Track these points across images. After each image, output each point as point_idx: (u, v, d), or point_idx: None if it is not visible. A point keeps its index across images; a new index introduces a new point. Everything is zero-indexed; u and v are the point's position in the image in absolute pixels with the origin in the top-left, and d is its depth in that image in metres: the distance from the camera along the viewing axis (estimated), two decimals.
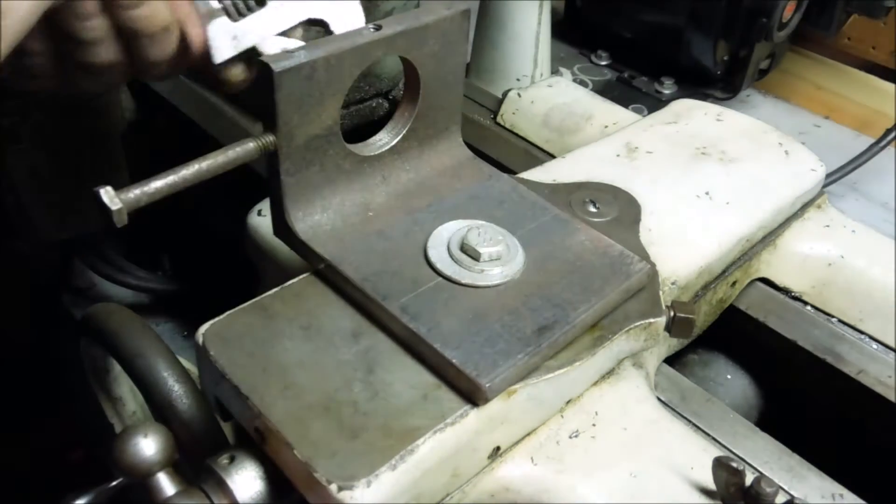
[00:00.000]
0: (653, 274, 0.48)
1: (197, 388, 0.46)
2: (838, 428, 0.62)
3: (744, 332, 0.62)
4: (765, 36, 0.92)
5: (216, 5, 0.42)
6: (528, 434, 0.43)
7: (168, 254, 1.06)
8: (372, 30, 0.43)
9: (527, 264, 0.45)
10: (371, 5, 0.69)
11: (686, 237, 0.54)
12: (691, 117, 0.67)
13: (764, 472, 0.48)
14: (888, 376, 0.56)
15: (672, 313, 0.47)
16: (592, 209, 0.54)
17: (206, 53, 0.43)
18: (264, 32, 0.44)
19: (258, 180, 0.46)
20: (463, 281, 0.44)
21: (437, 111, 0.49)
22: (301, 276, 0.45)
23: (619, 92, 1.00)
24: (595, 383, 0.46)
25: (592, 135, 0.76)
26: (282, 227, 0.46)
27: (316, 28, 0.46)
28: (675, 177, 0.59)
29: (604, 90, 0.99)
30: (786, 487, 0.47)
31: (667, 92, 0.99)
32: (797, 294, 0.62)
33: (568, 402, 0.45)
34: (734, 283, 0.59)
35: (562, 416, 0.44)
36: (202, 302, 1.01)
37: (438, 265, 0.44)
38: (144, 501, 0.38)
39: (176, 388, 0.45)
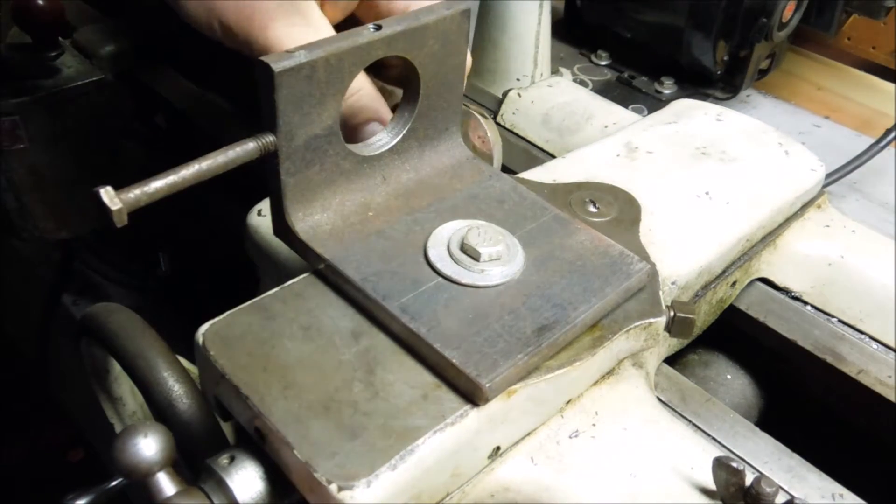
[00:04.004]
0: (653, 274, 0.48)
1: (197, 388, 0.46)
2: (838, 428, 0.62)
3: (744, 332, 0.62)
4: (765, 36, 0.93)
5: None
6: (528, 434, 0.43)
7: (167, 253, 1.06)
8: (372, 30, 0.43)
9: (527, 264, 0.45)
10: None
11: (686, 237, 0.54)
12: (691, 117, 0.67)
13: (764, 472, 0.48)
14: (888, 376, 0.56)
15: (672, 313, 0.47)
16: (592, 209, 0.54)
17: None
18: None
19: (258, 180, 0.46)
20: (463, 281, 0.44)
21: (437, 111, 0.49)
22: (301, 276, 0.45)
23: (619, 92, 1.00)
24: (595, 383, 0.46)
25: (592, 135, 0.76)
26: (282, 227, 0.46)
27: None
28: (675, 177, 0.59)
29: (604, 90, 0.99)
30: (786, 487, 0.47)
31: (667, 92, 0.99)
32: (797, 294, 0.62)
33: (568, 402, 0.45)
34: (734, 283, 0.59)
35: (562, 416, 0.44)
36: (202, 302, 1.01)
37: (438, 265, 0.44)
38: (144, 501, 0.38)
39: (176, 388, 0.45)
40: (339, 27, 0.52)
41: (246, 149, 0.41)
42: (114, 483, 0.50)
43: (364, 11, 0.56)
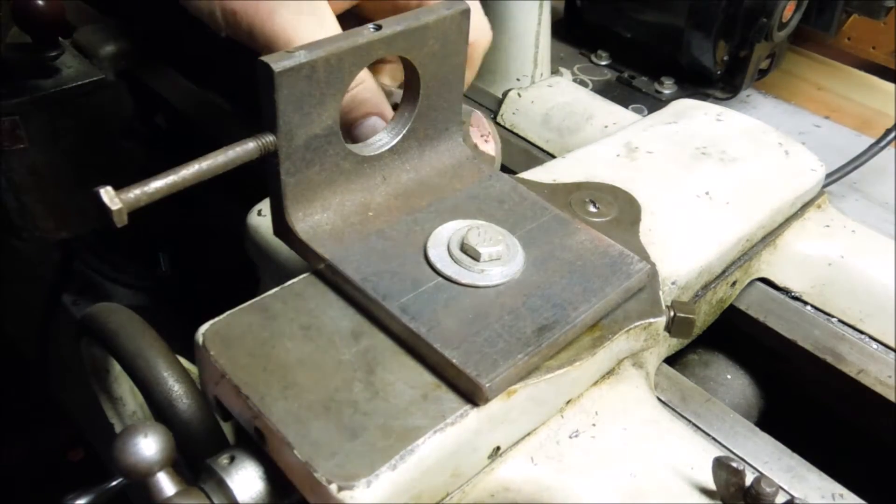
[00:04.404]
0: (653, 274, 0.48)
1: (197, 388, 0.46)
2: (838, 428, 0.62)
3: (744, 332, 0.62)
4: (765, 36, 0.92)
5: None
6: (528, 434, 0.43)
7: (167, 253, 1.06)
8: (372, 30, 0.43)
9: (527, 264, 0.45)
10: None
11: (686, 237, 0.54)
12: (691, 117, 0.67)
13: (764, 472, 0.48)
14: (888, 376, 0.56)
15: (672, 313, 0.47)
16: (592, 209, 0.54)
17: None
18: None
19: (258, 180, 0.46)
20: (463, 281, 0.44)
21: (437, 111, 0.49)
22: (301, 276, 0.45)
23: (619, 92, 1.00)
24: (595, 383, 0.46)
25: (592, 135, 0.76)
26: (282, 227, 0.46)
27: None
28: (675, 177, 0.59)
29: (604, 90, 0.99)
30: (786, 487, 0.47)
31: (667, 92, 0.99)
32: (797, 294, 0.62)
33: (568, 402, 0.45)
34: (734, 283, 0.59)
35: (562, 416, 0.44)
36: (202, 302, 1.01)
37: (438, 265, 0.44)
38: (144, 501, 0.38)
39: (176, 388, 0.45)
40: (342, 19, 0.52)
41: (246, 149, 0.41)
42: (114, 483, 0.50)
43: (372, 10, 0.55)
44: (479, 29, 0.52)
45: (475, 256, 0.44)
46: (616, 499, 0.41)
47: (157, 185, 0.38)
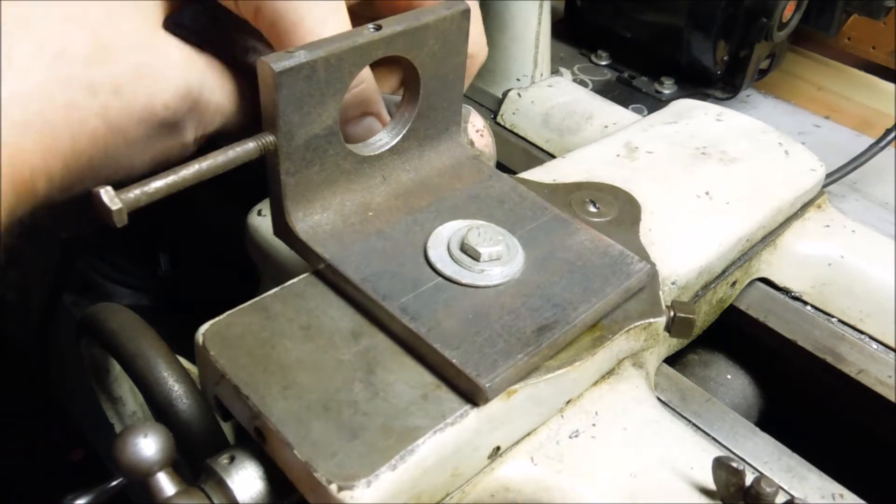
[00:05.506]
0: (653, 274, 0.48)
1: (197, 388, 0.46)
2: (838, 428, 0.62)
3: (744, 332, 0.62)
4: (765, 36, 0.93)
5: None
6: (528, 434, 0.43)
7: (167, 253, 1.06)
8: (372, 30, 0.43)
9: (527, 264, 0.45)
10: None
11: (686, 237, 0.54)
12: (691, 117, 0.67)
13: (764, 472, 0.48)
14: (888, 376, 0.56)
15: (672, 313, 0.47)
16: (592, 209, 0.54)
17: None
18: None
19: (258, 180, 0.46)
20: (463, 281, 0.44)
21: (437, 111, 0.49)
22: (301, 276, 0.45)
23: (619, 92, 1.00)
24: (595, 383, 0.46)
25: (592, 135, 0.76)
26: (282, 227, 0.46)
27: None
28: (675, 177, 0.59)
29: (604, 90, 0.99)
30: (786, 487, 0.47)
31: (667, 92, 0.99)
32: (797, 294, 0.62)
33: (568, 402, 0.45)
34: (734, 283, 0.59)
35: (562, 416, 0.44)
36: (202, 301, 1.01)
37: (438, 265, 0.44)
38: (144, 501, 0.38)
39: (176, 388, 0.45)
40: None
41: (246, 149, 0.41)
42: (114, 483, 0.50)
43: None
44: (477, 44, 0.52)
45: (475, 256, 0.44)
46: (616, 499, 0.41)
47: (157, 185, 0.38)
